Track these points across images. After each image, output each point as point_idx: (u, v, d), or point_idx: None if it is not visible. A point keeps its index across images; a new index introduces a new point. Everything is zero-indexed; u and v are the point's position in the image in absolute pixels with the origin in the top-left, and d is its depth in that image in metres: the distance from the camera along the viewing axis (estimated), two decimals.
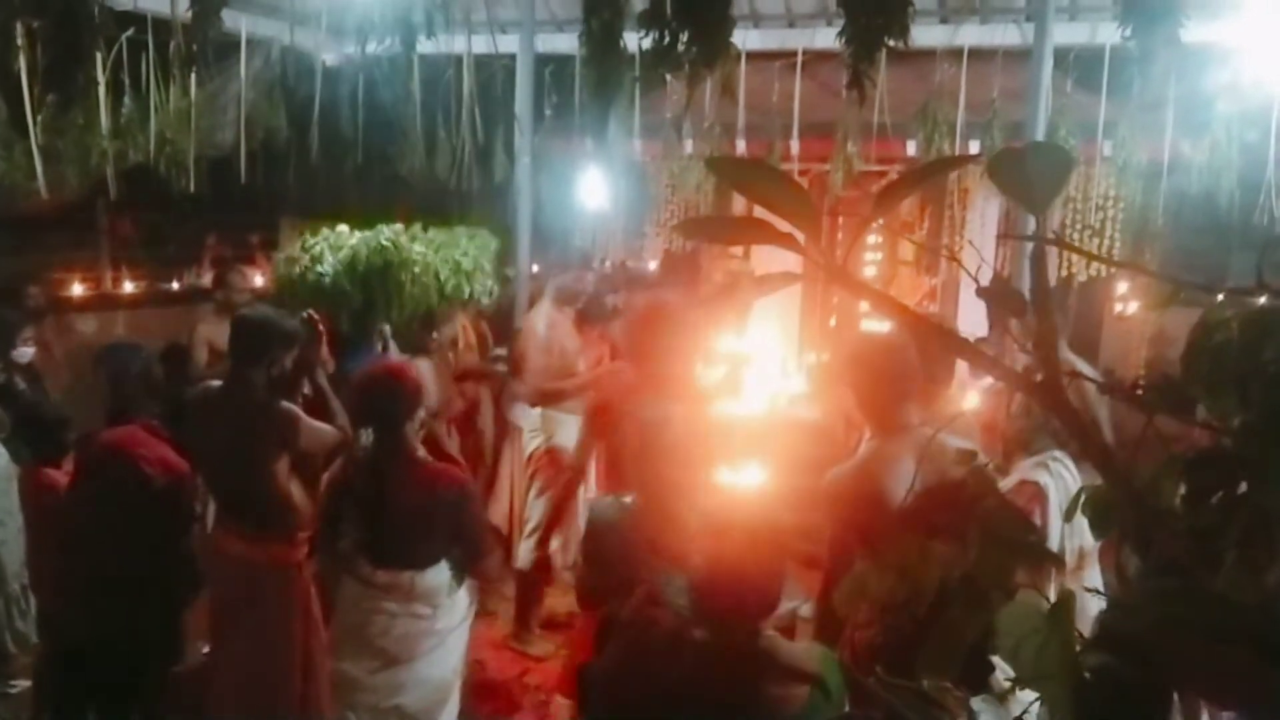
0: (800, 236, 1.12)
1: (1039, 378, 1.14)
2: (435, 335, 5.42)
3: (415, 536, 3.40)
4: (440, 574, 3.46)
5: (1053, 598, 1.09)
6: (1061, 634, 0.93)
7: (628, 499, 3.11)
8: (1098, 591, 3.25)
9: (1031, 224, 5.33)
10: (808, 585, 3.88)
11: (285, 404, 3.67)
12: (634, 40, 4.22)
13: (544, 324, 5.41)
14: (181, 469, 3.89)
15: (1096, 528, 1.17)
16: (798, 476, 4.87)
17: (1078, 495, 1.21)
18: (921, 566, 1.35)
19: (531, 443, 5.48)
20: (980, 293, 1.26)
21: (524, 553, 5.24)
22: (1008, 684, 1.03)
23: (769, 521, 2.35)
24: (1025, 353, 1.19)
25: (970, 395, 3.71)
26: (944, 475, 2.41)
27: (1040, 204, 1.04)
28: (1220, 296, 1.17)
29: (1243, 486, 0.94)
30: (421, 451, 3.48)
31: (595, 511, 3.20)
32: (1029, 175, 1.01)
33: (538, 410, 5.44)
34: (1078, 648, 0.95)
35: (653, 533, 2.89)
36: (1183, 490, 1.06)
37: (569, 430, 5.26)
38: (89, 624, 3.84)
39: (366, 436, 3.41)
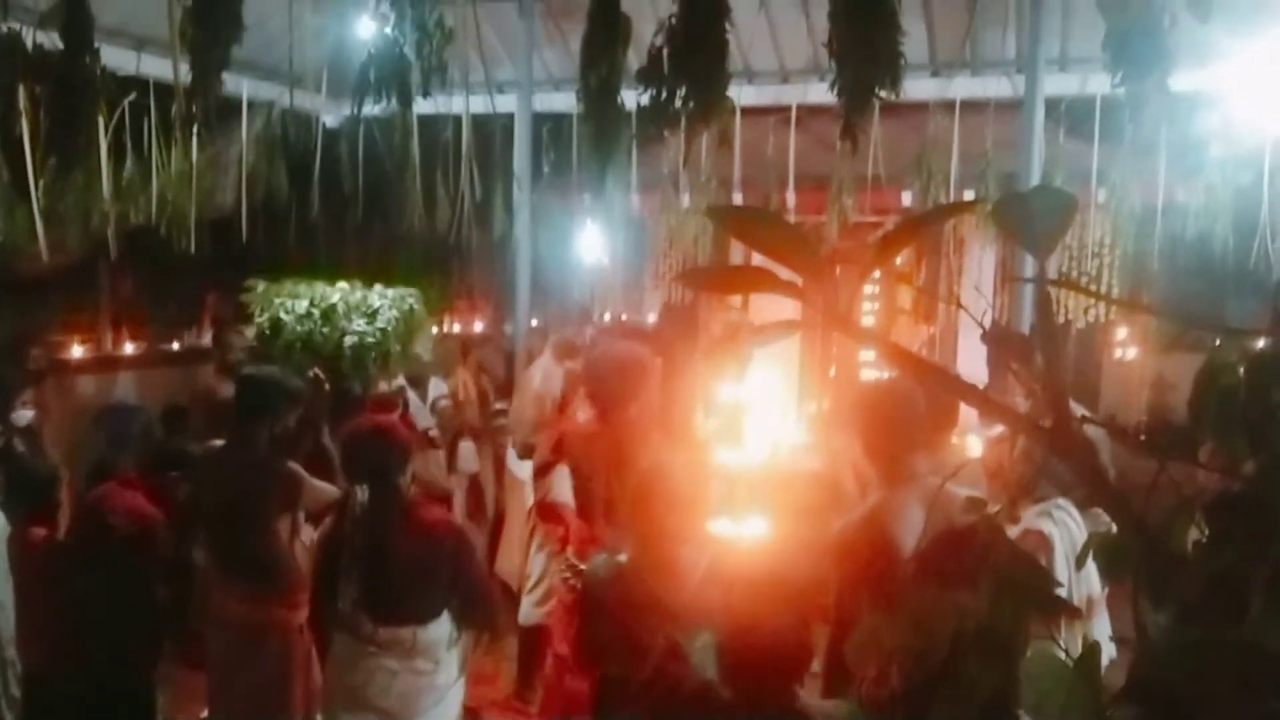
0: (800, 284, 1.11)
1: (1047, 422, 1.13)
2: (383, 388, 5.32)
3: (416, 589, 3.36)
4: (441, 627, 3.42)
5: (1066, 648, 1.07)
6: (1089, 686, 0.90)
7: (622, 556, 3.07)
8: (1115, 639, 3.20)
9: (1032, 269, 5.35)
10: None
11: (290, 464, 3.66)
12: (631, 97, 4.28)
13: (540, 377, 5.41)
14: (151, 517, 3.82)
15: (1109, 574, 1.16)
16: (800, 527, 4.84)
17: (1088, 542, 1.19)
18: (935, 618, 1.32)
19: (530, 496, 5.45)
20: (986, 337, 1.25)
21: (526, 609, 5.17)
22: None
23: (794, 576, 2.32)
24: (1033, 398, 1.18)
25: (975, 442, 3.68)
26: (953, 524, 2.38)
27: (1044, 247, 1.03)
28: (1219, 340, 1.17)
29: (1266, 530, 0.92)
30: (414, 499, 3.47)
31: (591, 569, 3.16)
32: (1032, 218, 1.00)
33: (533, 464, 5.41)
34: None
35: (652, 589, 2.84)
36: (1197, 535, 1.04)
37: (566, 483, 5.23)
38: (63, 678, 3.78)
39: (361, 493, 3.38)
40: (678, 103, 3.97)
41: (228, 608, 3.70)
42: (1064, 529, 3.30)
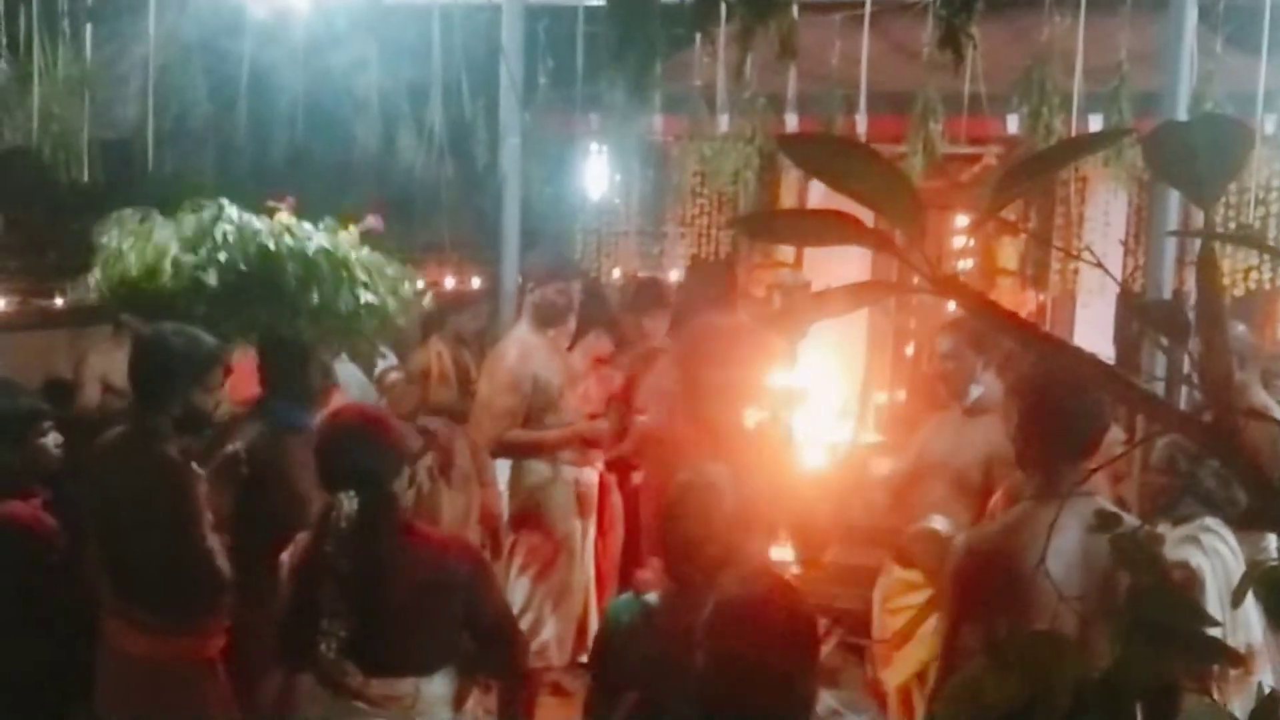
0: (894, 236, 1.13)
1: (1207, 419, 1.15)
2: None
3: (421, 629, 3.36)
4: (448, 679, 3.43)
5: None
6: None
7: (651, 596, 3.10)
8: None
9: (1175, 220, 5.33)
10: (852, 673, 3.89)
11: (187, 468, 3.69)
12: None
13: (516, 352, 5.41)
14: (33, 529, 3.88)
15: (1274, 616, 1.17)
16: (862, 551, 4.87)
17: (1246, 575, 1.21)
18: (1053, 666, 1.35)
19: (507, 506, 5.51)
20: (1132, 309, 1.27)
21: None
22: None
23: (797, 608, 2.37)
24: (1187, 386, 1.20)
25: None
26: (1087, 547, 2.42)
27: (1210, 191, 1.05)
28: None
29: None
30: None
31: (612, 613, 3.19)
32: (1195, 154, 1.02)
33: (509, 465, 5.47)
34: None
35: (685, 633, 2.87)
36: None
37: (555, 488, 5.27)
38: None
39: (347, 503, 3.37)
40: None
41: (125, 641, 3.75)
42: (1216, 558, 3.32)
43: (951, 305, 7.44)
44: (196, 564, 3.73)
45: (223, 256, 4.56)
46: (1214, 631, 1.31)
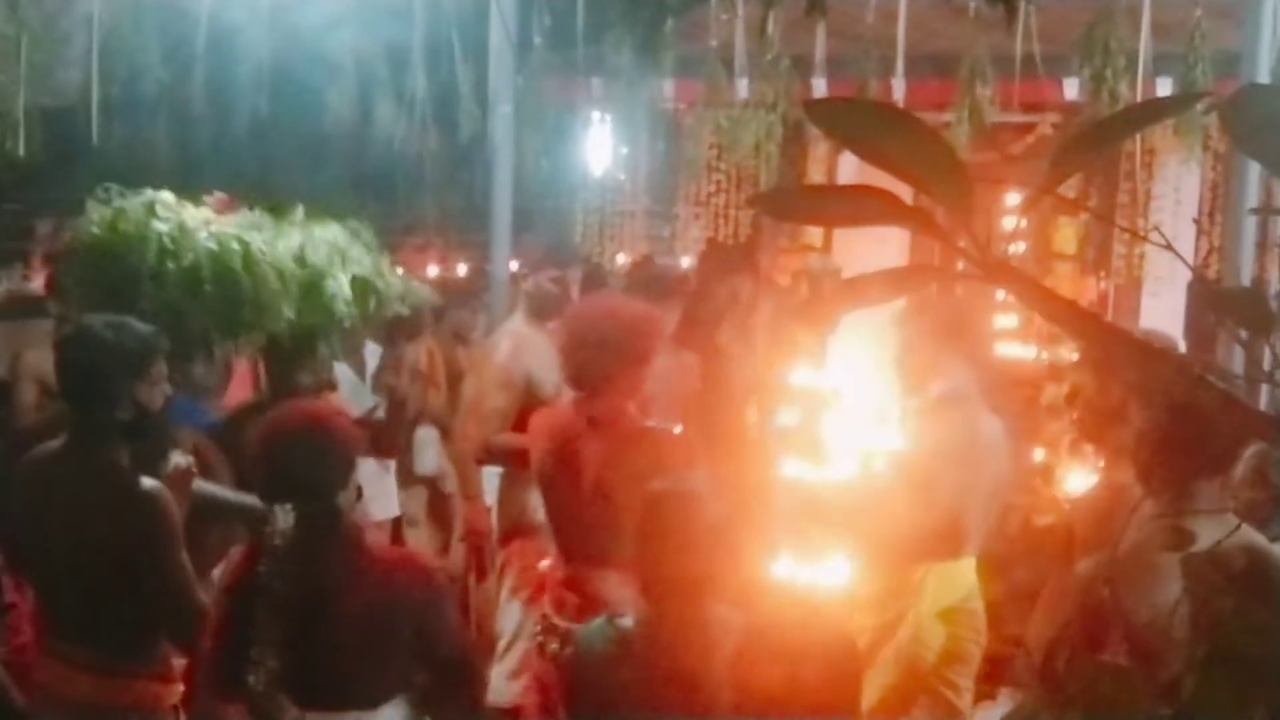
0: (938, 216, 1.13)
1: None
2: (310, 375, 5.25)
3: (366, 659, 3.38)
4: (396, 715, 3.45)
5: None
6: None
7: (627, 619, 3.10)
8: None
9: (1256, 198, 5.32)
10: None
11: (145, 483, 3.67)
12: None
13: (508, 347, 5.41)
14: None
15: None
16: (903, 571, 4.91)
17: None
18: (1118, 700, 1.35)
19: (496, 520, 5.51)
20: (1206, 297, 1.26)
21: (496, 684, 5.23)
22: None
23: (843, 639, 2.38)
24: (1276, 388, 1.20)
25: None
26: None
27: None
28: None
29: None
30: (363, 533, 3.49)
31: (583, 640, 3.19)
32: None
33: (499, 475, 5.48)
34: None
35: (672, 666, 2.88)
36: None
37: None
38: None
39: (283, 516, 3.39)
40: None
41: (65, 684, 3.74)
42: None
43: (1000, 294, 7.45)
44: (167, 593, 3.71)
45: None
46: None
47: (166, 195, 5.06)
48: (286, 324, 5.14)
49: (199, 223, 4.99)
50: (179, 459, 3.91)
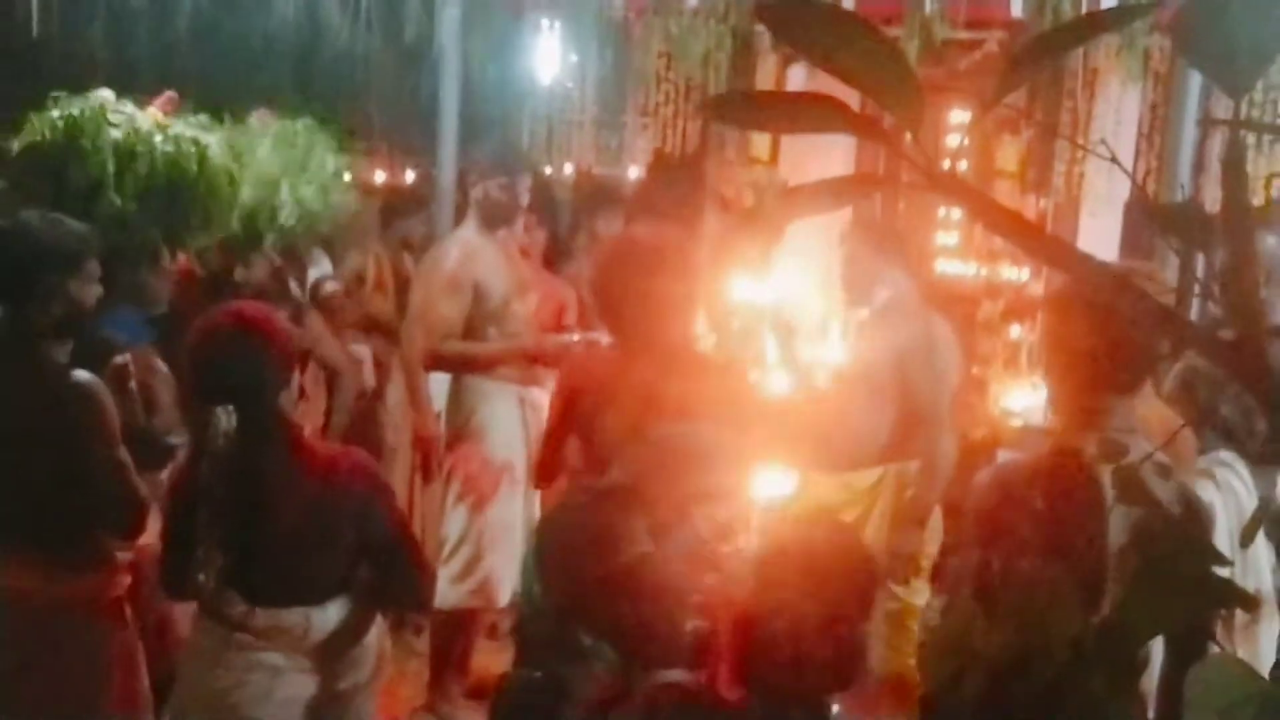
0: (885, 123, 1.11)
1: (1229, 336, 1.15)
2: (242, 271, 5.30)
3: (310, 554, 3.39)
4: (344, 610, 3.47)
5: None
6: None
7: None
8: None
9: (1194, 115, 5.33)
10: None
11: (79, 375, 3.64)
12: None
13: (458, 254, 5.37)
14: None
15: None
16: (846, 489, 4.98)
17: (1257, 514, 1.22)
18: (1051, 615, 1.36)
19: (444, 426, 5.50)
20: (1145, 212, 1.26)
21: (442, 587, 5.26)
22: None
23: (852, 546, 2.41)
24: (1210, 300, 1.20)
25: None
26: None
27: (1245, 79, 1.04)
28: None
29: None
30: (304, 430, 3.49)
31: (550, 520, 3.21)
32: (1234, 36, 1.00)
33: (448, 382, 5.46)
34: None
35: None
36: None
37: (497, 409, 5.27)
38: None
39: (224, 418, 3.38)
40: None
41: (7, 577, 3.72)
42: (1229, 494, 3.35)
43: (941, 211, 7.45)
44: (106, 483, 3.69)
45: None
46: (1224, 573, 1.33)
47: (107, 93, 5.01)
48: (233, 229, 5.16)
49: (151, 126, 4.97)
50: (118, 359, 3.88)
